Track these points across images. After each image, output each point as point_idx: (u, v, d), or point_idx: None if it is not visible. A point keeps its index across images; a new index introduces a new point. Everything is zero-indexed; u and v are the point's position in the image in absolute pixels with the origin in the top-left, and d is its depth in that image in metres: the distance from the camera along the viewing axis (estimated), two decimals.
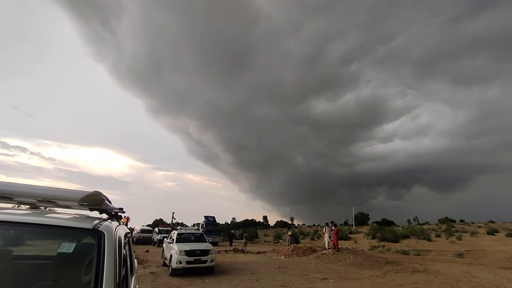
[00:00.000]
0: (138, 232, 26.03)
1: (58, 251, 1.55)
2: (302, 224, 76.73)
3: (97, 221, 1.68)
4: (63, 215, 1.87)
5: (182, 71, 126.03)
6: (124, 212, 2.29)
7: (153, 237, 25.26)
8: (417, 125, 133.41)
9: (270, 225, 79.47)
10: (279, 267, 10.88)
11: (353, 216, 51.41)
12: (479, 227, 38.94)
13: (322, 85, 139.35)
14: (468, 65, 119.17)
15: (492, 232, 31.46)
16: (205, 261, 8.98)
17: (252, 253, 17.69)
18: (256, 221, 77.78)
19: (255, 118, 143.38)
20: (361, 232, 39.36)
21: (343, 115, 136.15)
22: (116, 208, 2.11)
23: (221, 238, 26.13)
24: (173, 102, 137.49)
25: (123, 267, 1.66)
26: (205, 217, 28.26)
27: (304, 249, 15.57)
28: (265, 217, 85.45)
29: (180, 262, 8.66)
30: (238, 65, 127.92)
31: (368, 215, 63.04)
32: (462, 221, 51.91)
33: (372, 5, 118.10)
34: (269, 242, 35.12)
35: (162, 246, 12.79)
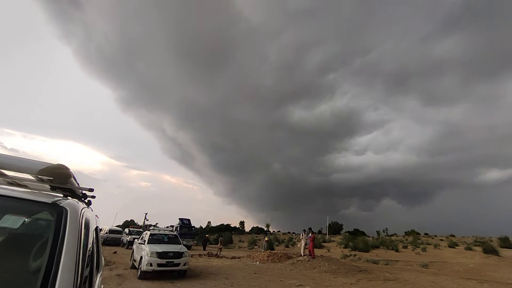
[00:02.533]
0: (106, 233, 24.36)
1: None
2: (277, 231, 76.89)
3: (58, 198, 1.33)
4: (13, 188, 1.45)
5: (157, 63, 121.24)
6: (93, 195, 1.96)
7: (122, 238, 23.77)
8: (388, 139, 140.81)
9: (246, 231, 78.67)
10: (255, 273, 10.60)
11: (327, 225, 52.49)
12: (441, 240, 41.42)
13: (300, 93, 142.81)
14: (435, 85, 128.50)
15: (452, 245, 33.55)
16: (178, 264, 8.49)
17: (227, 258, 17.20)
18: (232, 226, 76.61)
19: (233, 119, 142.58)
20: (334, 241, 40.14)
21: (319, 124, 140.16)
22: (84, 188, 1.70)
23: (195, 241, 25.22)
24: (147, 95, 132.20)
25: (88, 259, 1.29)
26: (180, 219, 27.21)
27: (279, 255, 15.42)
28: (241, 223, 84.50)
29: (151, 265, 8.09)
30: (216, 64, 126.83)
31: (341, 224, 64.83)
32: (426, 234, 54.95)
33: (349, 18, 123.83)
34: (244, 247, 34.58)
35: (131, 248, 11.98)
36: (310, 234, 15.42)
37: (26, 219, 1.20)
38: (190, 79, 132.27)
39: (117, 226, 34.89)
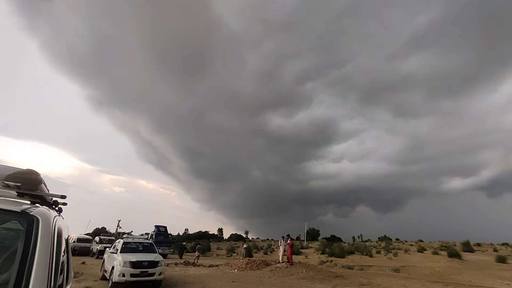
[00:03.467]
0: (74, 241, 22.71)
1: None
2: (256, 238, 76.46)
3: (28, 206, 1.25)
4: None
5: (131, 64, 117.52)
6: (65, 202, 1.85)
7: (92, 247, 22.30)
8: (362, 148, 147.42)
9: (225, 238, 77.36)
10: (233, 281, 10.43)
11: (305, 231, 53.21)
12: (411, 245, 43.60)
13: (278, 101, 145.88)
14: (403, 99, 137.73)
15: (421, 250, 35.42)
16: (153, 274, 8.13)
17: (204, 266, 16.77)
18: (210, 233, 74.98)
19: (212, 125, 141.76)
20: (311, 247, 40.71)
21: (297, 132, 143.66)
22: (56, 195, 1.57)
23: (172, 250, 24.33)
24: (121, 96, 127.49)
25: (60, 272, 1.20)
26: (156, 226, 26.17)
27: (258, 263, 15.32)
28: (220, 230, 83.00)
29: (123, 275, 7.67)
30: (195, 69, 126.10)
31: (318, 231, 66.04)
32: (397, 239, 57.60)
33: (323, 33, 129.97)
34: (222, 255, 33.92)
35: (102, 258, 11.28)
36: (288, 241, 15.54)
37: None
38: (167, 82, 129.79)
39: (87, 234, 32.69)
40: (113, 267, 8.04)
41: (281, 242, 16.03)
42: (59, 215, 1.65)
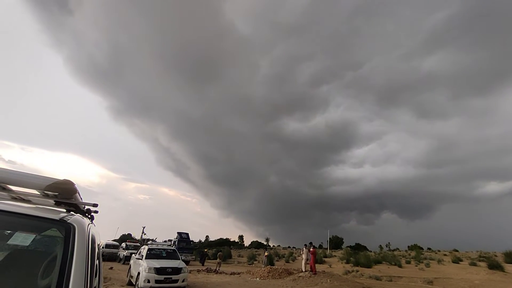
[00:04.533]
0: (102, 247, 23.81)
1: (9, 243, 1.16)
2: (277, 246, 75.26)
3: (64, 214, 1.34)
4: (19, 204, 1.46)
5: (147, 73, 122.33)
6: (97, 210, 1.95)
7: (119, 253, 23.20)
8: (385, 152, 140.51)
9: (245, 245, 76.99)
10: None
11: (328, 239, 51.49)
12: (445, 255, 40.48)
13: (293, 105, 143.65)
14: (426, 99, 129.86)
15: (456, 260, 32.72)
16: (176, 281, 8.26)
17: (226, 273, 16.75)
18: (231, 240, 75.03)
19: (226, 130, 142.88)
20: (335, 256, 39.22)
21: (314, 136, 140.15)
22: (88, 204, 1.70)
23: (193, 257, 24.64)
24: (139, 105, 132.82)
25: (95, 276, 1.29)
26: (178, 233, 26.71)
27: (280, 271, 15.03)
28: (241, 237, 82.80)
29: (148, 281, 7.86)
30: (208, 75, 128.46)
31: (342, 239, 63.57)
32: (429, 248, 53.83)
33: (336, 34, 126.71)
34: (243, 263, 33.71)
35: (128, 263, 11.68)
36: (311, 249, 15.11)
37: (35, 236, 1.20)
38: (181, 90, 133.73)
39: (114, 240, 34.16)
40: (138, 273, 8.28)
41: (303, 250, 15.63)
42: (91, 223, 1.74)
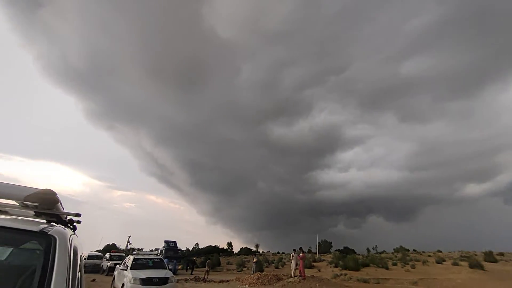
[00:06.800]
0: (85, 258, 22.75)
1: None
2: (267, 252, 74.78)
3: (45, 225, 1.27)
4: None
5: (127, 78, 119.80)
6: (79, 220, 1.89)
7: (102, 264, 22.26)
8: (370, 156, 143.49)
9: (234, 252, 75.99)
10: None
11: (317, 243, 51.74)
12: (429, 256, 41.62)
13: (278, 110, 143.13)
14: (407, 103, 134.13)
15: (440, 261, 33.76)
16: None
17: (215, 282, 16.45)
18: (220, 247, 73.87)
19: (212, 137, 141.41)
20: (324, 260, 39.45)
21: (300, 141, 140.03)
22: (71, 214, 1.62)
23: (181, 265, 24.05)
24: (122, 111, 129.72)
25: None
26: (166, 241, 26.04)
27: (269, 277, 14.95)
28: (229, 244, 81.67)
29: None
30: (191, 82, 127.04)
31: (331, 243, 64.09)
32: (414, 250, 55.18)
33: (317, 39, 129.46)
34: (232, 270, 33.24)
35: (112, 274, 11.24)
36: (300, 254, 15.16)
37: (13, 250, 1.15)
38: (164, 96, 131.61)
39: (97, 251, 32.74)
40: (123, 284, 8.00)
41: (292, 255, 15.64)
42: (74, 233, 1.68)
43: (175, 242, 26.49)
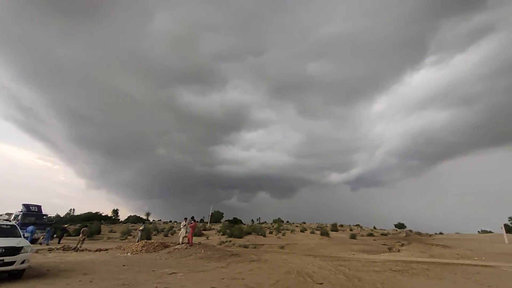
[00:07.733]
0: None
1: None
2: (158, 220, 72.85)
3: None
4: None
5: None
6: None
7: None
8: (270, 139, 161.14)
9: (121, 220, 69.87)
10: (123, 265, 9.70)
11: (210, 214, 54.70)
12: (297, 226, 52.14)
13: (191, 75, 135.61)
14: (306, 99, 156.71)
15: (303, 230, 42.96)
16: (12, 263, 6.55)
17: (90, 251, 14.80)
18: (103, 214, 65.98)
19: (106, 86, 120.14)
20: (214, 229, 42.43)
21: (209, 114, 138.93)
22: None
23: (47, 234, 19.99)
24: None
25: None
26: (25, 205, 20.93)
27: (155, 245, 14.81)
28: (115, 211, 74.24)
29: None
30: (87, 11, 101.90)
31: (222, 213, 69.00)
32: (288, 221, 67.41)
33: (245, 12, 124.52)
34: (115, 238, 30.73)
35: None
36: (192, 222, 15.66)
37: None
38: (42, 17, 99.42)
39: None
40: None
41: (183, 224, 15.96)
42: None
43: (39, 206, 21.66)
